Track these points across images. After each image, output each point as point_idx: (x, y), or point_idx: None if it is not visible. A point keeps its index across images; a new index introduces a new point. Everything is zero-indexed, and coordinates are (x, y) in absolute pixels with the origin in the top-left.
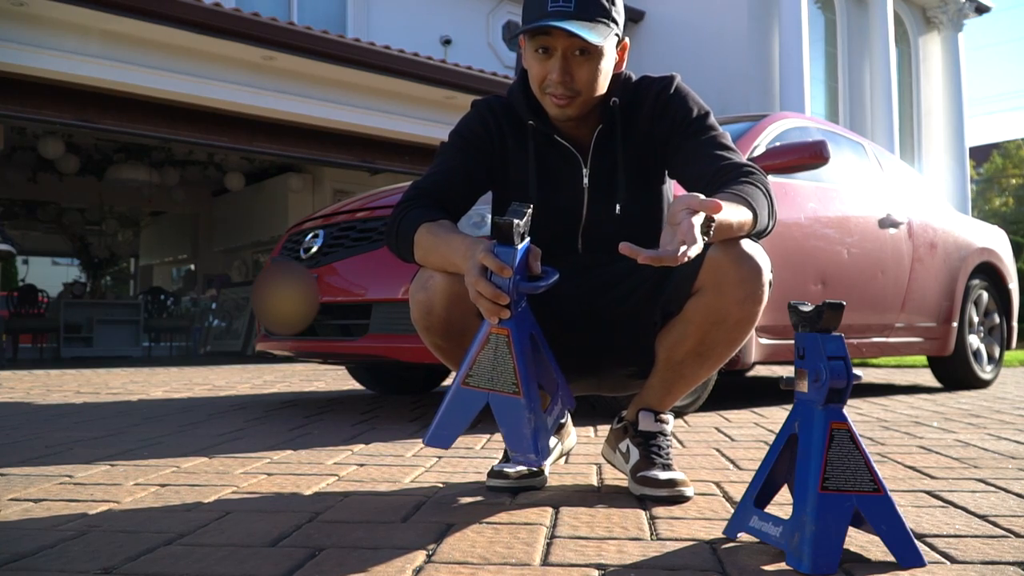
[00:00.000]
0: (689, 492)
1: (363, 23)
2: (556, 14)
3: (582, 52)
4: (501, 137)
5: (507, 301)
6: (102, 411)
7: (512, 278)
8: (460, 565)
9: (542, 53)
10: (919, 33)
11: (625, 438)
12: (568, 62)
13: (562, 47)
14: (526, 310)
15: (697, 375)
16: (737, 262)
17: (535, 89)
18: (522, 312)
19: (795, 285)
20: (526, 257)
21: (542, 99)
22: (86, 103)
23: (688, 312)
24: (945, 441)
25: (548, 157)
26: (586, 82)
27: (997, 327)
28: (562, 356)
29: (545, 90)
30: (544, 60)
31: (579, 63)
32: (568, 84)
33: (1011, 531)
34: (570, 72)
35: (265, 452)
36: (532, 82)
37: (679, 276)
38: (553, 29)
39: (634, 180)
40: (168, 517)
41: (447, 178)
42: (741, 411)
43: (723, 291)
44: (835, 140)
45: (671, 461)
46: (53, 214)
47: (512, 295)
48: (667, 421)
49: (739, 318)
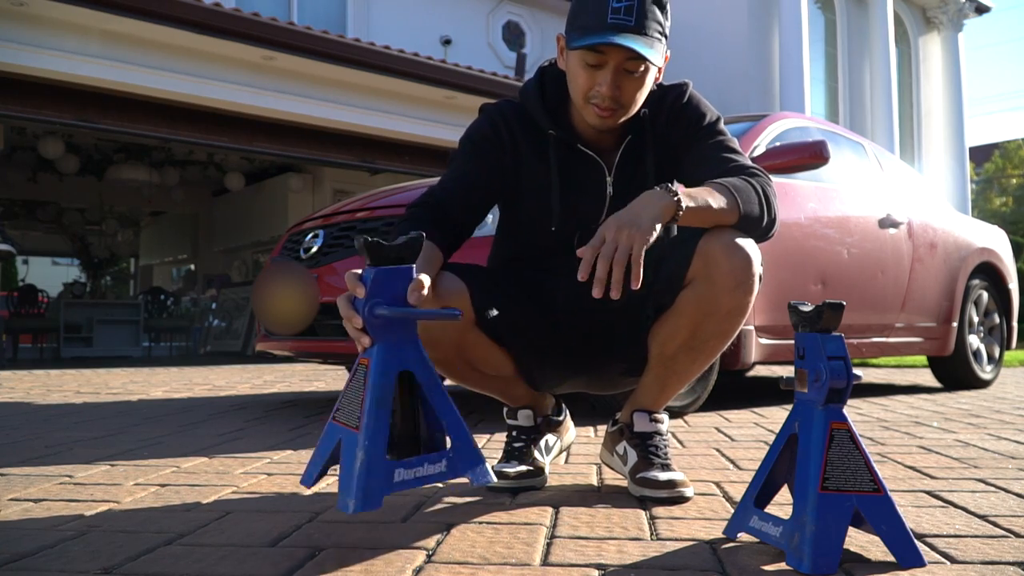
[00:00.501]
0: (689, 492)
1: (363, 23)
2: (616, 27)
3: (632, 70)
4: (514, 143)
5: (360, 324)
6: (102, 411)
7: (365, 301)
8: (460, 565)
9: (592, 63)
10: (919, 33)
11: (621, 440)
12: (619, 76)
13: (616, 61)
14: (405, 344)
15: (690, 370)
16: (727, 251)
17: (578, 98)
18: (394, 345)
19: (795, 285)
20: (393, 281)
21: (583, 108)
22: (86, 103)
23: (680, 304)
24: (945, 441)
25: (571, 165)
26: (634, 97)
27: (997, 327)
28: (556, 354)
29: (590, 100)
30: (594, 71)
31: (631, 79)
32: (617, 98)
33: (1011, 531)
34: (620, 86)
35: (265, 452)
36: (576, 90)
37: (671, 268)
38: (611, 46)
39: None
40: (168, 517)
41: (456, 189)
42: (741, 411)
43: (714, 280)
44: (835, 140)
45: (670, 461)
46: (53, 214)
47: (364, 317)
48: (662, 421)
49: (730, 308)
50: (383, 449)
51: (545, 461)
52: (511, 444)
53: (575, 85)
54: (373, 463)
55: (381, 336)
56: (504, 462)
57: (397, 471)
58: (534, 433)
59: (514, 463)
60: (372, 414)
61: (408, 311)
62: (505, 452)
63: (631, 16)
